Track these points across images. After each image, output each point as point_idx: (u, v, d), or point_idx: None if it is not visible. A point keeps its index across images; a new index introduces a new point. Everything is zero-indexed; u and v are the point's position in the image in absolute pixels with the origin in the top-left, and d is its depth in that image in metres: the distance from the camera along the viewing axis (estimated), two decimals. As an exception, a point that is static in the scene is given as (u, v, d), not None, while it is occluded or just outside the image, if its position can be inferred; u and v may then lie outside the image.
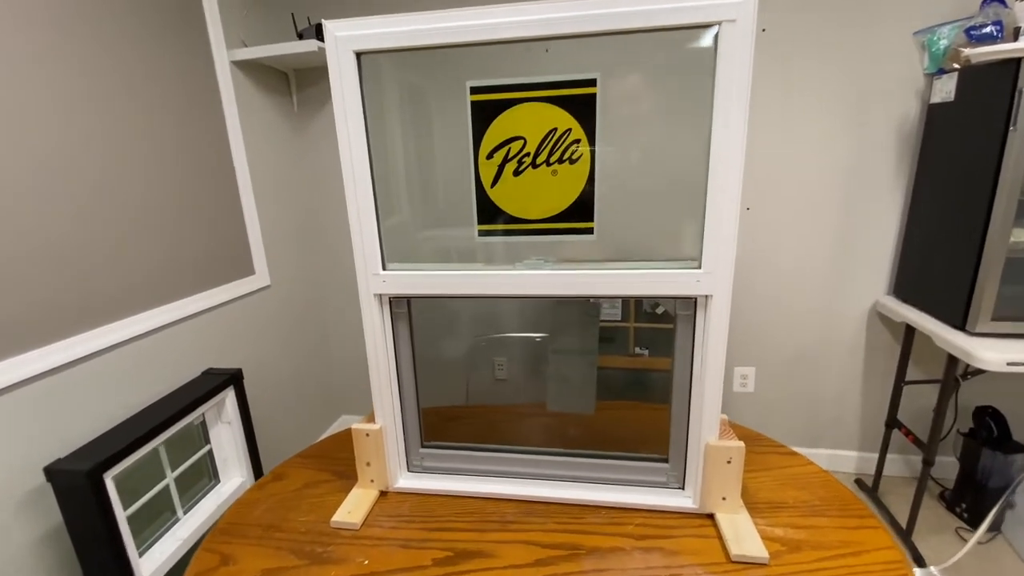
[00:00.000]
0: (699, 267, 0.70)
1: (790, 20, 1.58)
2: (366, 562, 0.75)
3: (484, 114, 0.70)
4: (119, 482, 1.14)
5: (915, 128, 1.60)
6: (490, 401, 2.13)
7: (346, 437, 1.09)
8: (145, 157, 1.32)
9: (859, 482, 1.91)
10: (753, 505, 0.82)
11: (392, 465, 0.88)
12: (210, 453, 1.42)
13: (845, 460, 2.00)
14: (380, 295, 0.79)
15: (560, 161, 0.69)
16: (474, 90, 0.69)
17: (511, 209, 0.73)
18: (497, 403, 2.22)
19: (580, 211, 0.71)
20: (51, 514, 1.07)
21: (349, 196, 0.74)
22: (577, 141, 0.68)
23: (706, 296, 0.71)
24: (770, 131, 1.69)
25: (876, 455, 1.92)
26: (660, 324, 1.85)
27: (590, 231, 0.72)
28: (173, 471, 1.30)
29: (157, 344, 1.35)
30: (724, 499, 0.78)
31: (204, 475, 1.43)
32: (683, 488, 0.83)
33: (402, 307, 0.82)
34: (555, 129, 0.68)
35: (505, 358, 2.17)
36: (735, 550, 0.71)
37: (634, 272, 0.71)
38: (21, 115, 1.04)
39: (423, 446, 0.91)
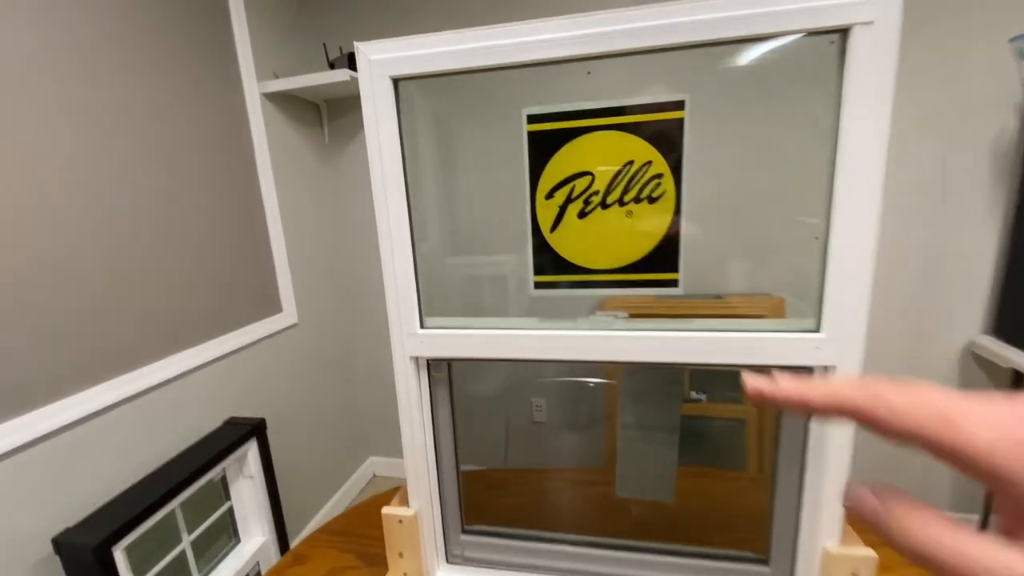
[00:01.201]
0: (818, 330, 0.55)
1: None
2: None
3: (543, 146, 0.58)
4: (132, 549, 1.03)
5: (1012, 144, 1.41)
6: (535, 460, 1.98)
7: (375, 507, 0.96)
8: (167, 194, 1.26)
9: (957, 549, 1.66)
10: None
11: (428, 556, 0.74)
12: (230, 510, 1.31)
13: None
14: (417, 358, 0.67)
15: (637, 200, 0.56)
16: (532, 118, 0.57)
17: (575, 257, 0.60)
18: (543, 464, 2.06)
19: (662, 259, 0.58)
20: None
21: (383, 241, 0.63)
22: (659, 176, 0.55)
23: (828, 368, 0.56)
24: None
25: (973, 517, 1.67)
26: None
27: (674, 283, 0.58)
28: (190, 533, 1.20)
29: (177, 393, 1.26)
30: (848, 620, 0.61)
31: (224, 533, 1.32)
32: (790, 600, 0.66)
33: (442, 371, 0.70)
34: (631, 162, 0.56)
35: (544, 399, 2.02)
36: None
37: (732, 335, 0.57)
38: (36, 149, 0.99)
39: (464, 531, 0.77)
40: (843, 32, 0.48)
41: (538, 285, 0.62)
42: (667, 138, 0.54)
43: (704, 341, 0.57)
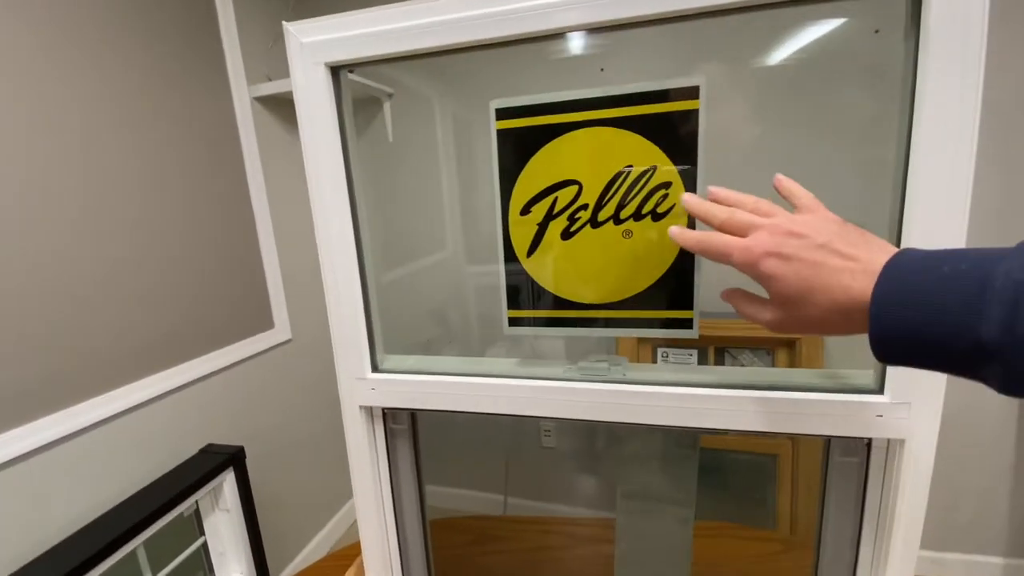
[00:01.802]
0: (880, 391, 0.41)
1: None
2: None
3: (517, 148, 0.45)
4: (85, 595, 0.94)
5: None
6: (541, 494, 1.83)
7: (341, 562, 0.84)
8: (145, 205, 1.18)
9: (1018, 605, 1.46)
10: None
11: (390, 639, 0.62)
12: (204, 546, 1.21)
13: (986, 568, 1.54)
14: (369, 408, 0.55)
15: (637, 216, 0.43)
16: (502, 113, 0.45)
17: (558, 288, 0.47)
18: (549, 500, 1.90)
19: (670, 293, 0.45)
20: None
21: (324, 264, 0.52)
22: (666, 185, 0.42)
23: (894, 441, 0.42)
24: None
25: (1038, 567, 1.46)
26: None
27: (687, 324, 0.45)
28: (156, 572, 1.10)
29: (153, 416, 1.17)
30: None
31: (198, 570, 1.22)
32: None
33: (402, 422, 0.58)
34: (629, 167, 0.43)
35: (554, 422, 1.88)
36: None
37: (762, 396, 0.43)
38: (5, 155, 0.91)
39: (435, 607, 0.65)
40: (922, -14, 0.35)
41: (512, 322, 0.50)
42: (677, 135, 0.41)
43: (725, 402, 0.44)
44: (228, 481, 1.21)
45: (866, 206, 0.42)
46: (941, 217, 0.37)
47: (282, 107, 1.60)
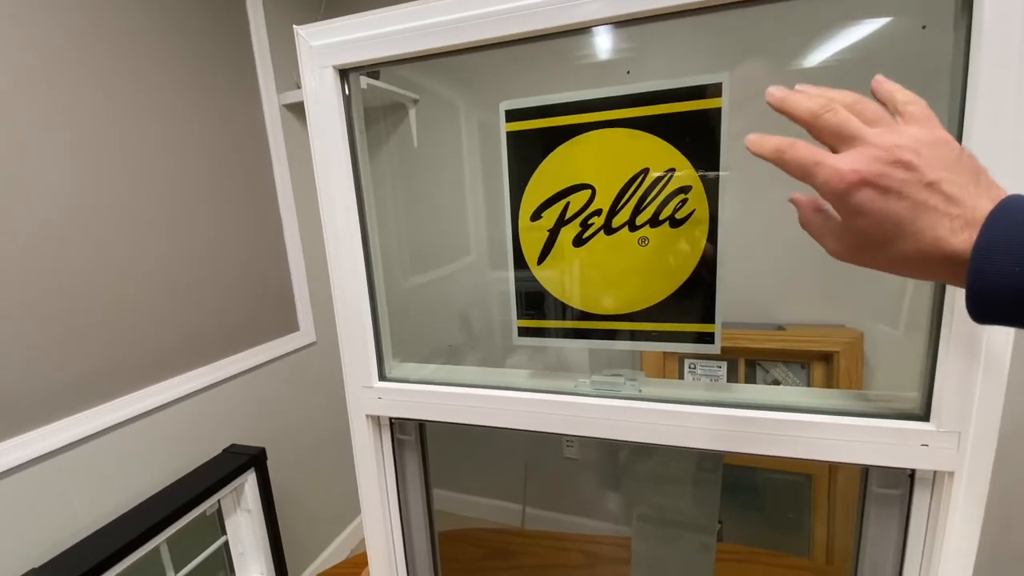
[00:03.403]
0: (926, 418, 0.37)
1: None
2: None
3: (528, 151, 0.43)
4: (109, 590, 0.96)
5: None
6: (560, 506, 1.79)
7: (353, 570, 0.83)
8: (175, 207, 1.21)
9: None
10: None
11: (396, 655, 0.60)
12: (226, 545, 1.23)
13: None
14: (376, 417, 0.54)
15: (655, 223, 0.41)
16: (512, 115, 0.43)
17: (570, 298, 0.45)
18: (569, 513, 1.86)
19: (690, 304, 0.42)
20: (29, 628, 0.91)
21: (332, 269, 0.51)
22: (685, 190, 0.40)
23: (941, 473, 0.38)
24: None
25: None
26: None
27: (708, 338, 0.42)
28: (179, 570, 1.12)
29: (175, 418, 1.20)
30: None
31: (219, 570, 1.24)
32: None
33: (409, 433, 0.56)
34: (646, 171, 0.40)
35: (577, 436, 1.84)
36: None
37: (797, 419, 0.40)
38: (38, 158, 0.95)
39: (443, 624, 0.63)
40: (976, -33, 0.31)
41: (523, 332, 0.47)
42: (697, 136, 0.39)
43: (750, 425, 0.40)
44: (250, 482, 1.22)
45: None
46: None
47: (310, 114, 1.63)
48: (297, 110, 1.58)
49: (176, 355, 1.21)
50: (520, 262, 0.46)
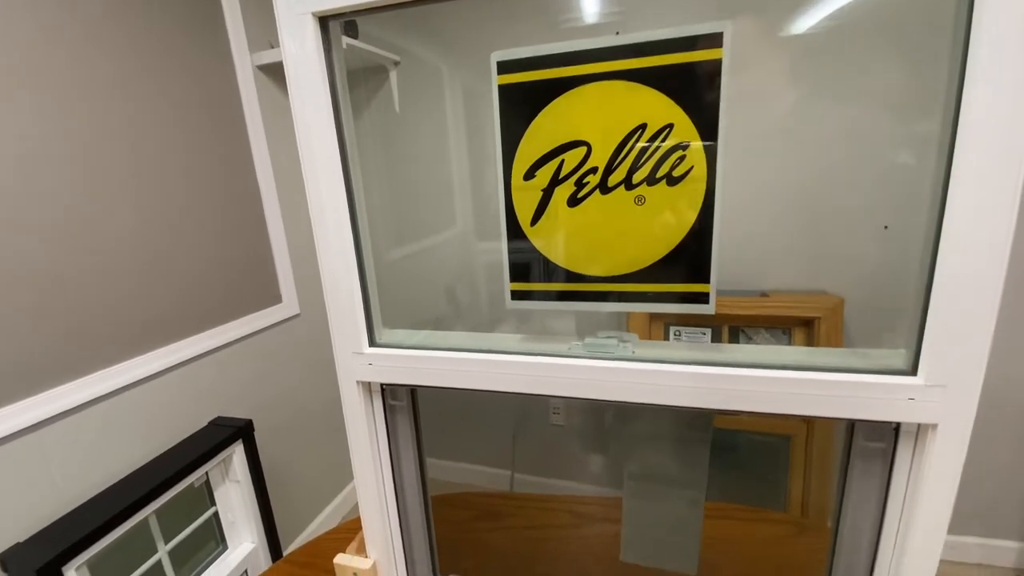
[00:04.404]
0: (914, 372, 0.38)
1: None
2: None
3: (521, 106, 0.42)
4: (97, 563, 0.96)
5: None
6: (548, 471, 1.83)
7: (347, 535, 0.84)
8: (148, 175, 1.16)
9: (1031, 589, 1.43)
10: None
11: (391, 614, 0.61)
12: (216, 515, 1.23)
13: (1003, 552, 1.52)
14: (367, 383, 0.53)
15: (652, 181, 0.40)
16: (504, 66, 0.41)
17: (564, 260, 0.44)
18: (556, 477, 1.90)
19: (686, 265, 0.41)
20: (18, 601, 0.91)
21: (317, 231, 0.49)
22: (683, 146, 0.39)
23: (925, 426, 0.39)
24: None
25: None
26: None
27: (703, 298, 0.42)
28: (168, 541, 1.12)
29: (160, 389, 1.18)
30: None
31: (210, 539, 1.25)
32: None
33: (401, 399, 0.56)
34: (643, 126, 0.39)
35: (563, 401, 1.87)
36: None
37: (788, 376, 0.40)
38: (4, 128, 0.90)
39: (437, 583, 0.64)
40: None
41: (516, 296, 0.47)
42: (697, 89, 0.37)
43: (743, 382, 0.41)
44: (237, 453, 1.22)
45: (909, 184, 0.38)
46: (991, 193, 0.33)
47: (283, 75, 1.55)
48: (272, 72, 1.51)
49: (155, 328, 1.18)
50: (513, 224, 0.44)
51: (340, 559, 0.60)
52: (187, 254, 1.26)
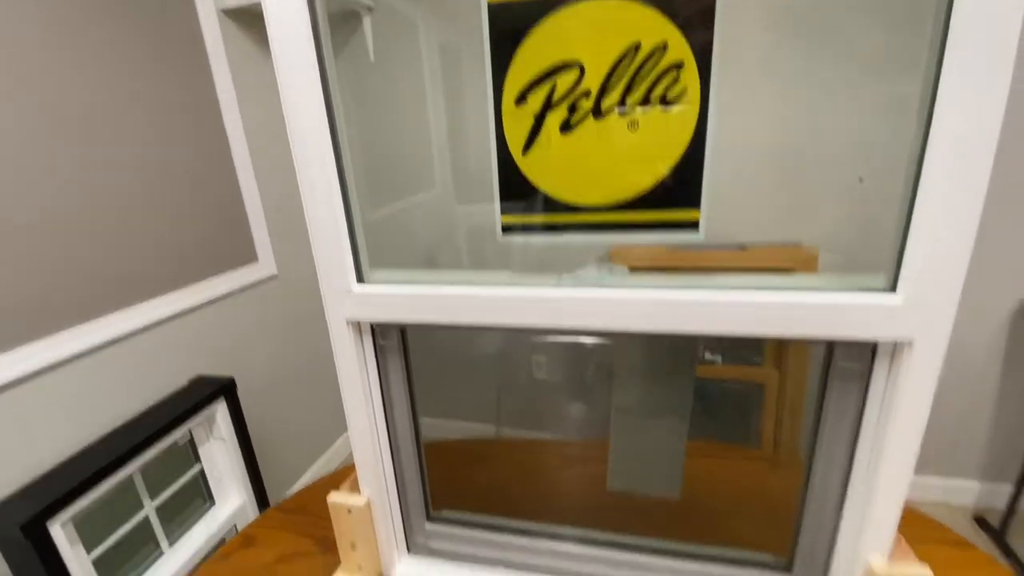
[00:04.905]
0: (893, 289, 0.39)
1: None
2: None
3: (512, 25, 0.40)
4: (83, 519, 0.95)
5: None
6: (527, 422, 1.88)
7: (337, 483, 0.85)
8: (112, 128, 1.10)
9: (980, 520, 1.56)
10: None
11: (386, 548, 0.63)
12: (202, 473, 1.23)
13: (962, 491, 1.63)
14: (357, 322, 0.53)
15: (645, 103, 0.39)
16: (494, -18, 0.40)
17: (557, 190, 0.44)
18: (541, 428, 1.95)
19: (677, 191, 0.41)
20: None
21: (298, 162, 0.48)
22: (677, 66, 0.38)
23: (902, 343, 0.40)
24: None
25: (1004, 487, 1.55)
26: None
27: (694, 226, 0.42)
28: (154, 498, 1.12)
29: (135, 349, 1.15)
30: (890, 648, 0.49)
31: (197, 496, 1.25)
32: (817, 618, 0.54)
33: (391, 338, 0.56)
34: (637, 46, 0.38)
35: (545, 356, 1.90)
36: None
37: (771, 297, 0.41)
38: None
39: (430, 519, 0.66)
40: None
41: (507, 229, 0.46)
42: (691, 4, 0.37)
43: (728, 306, 0.42)
44: (221, 411, 1.21)
45: (885, 140, 0.39)
46: (967, 149, 0.33)
47: (253, 21, 1.47)
48: (240, 18, 1.42)
49: (127, 285, 1.14)
50: (504, 152, 0.44)
51: (334, 497, 0.61)
52: (154, 210, 1.21)
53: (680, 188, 0.41)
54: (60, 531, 0.85)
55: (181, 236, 1.27)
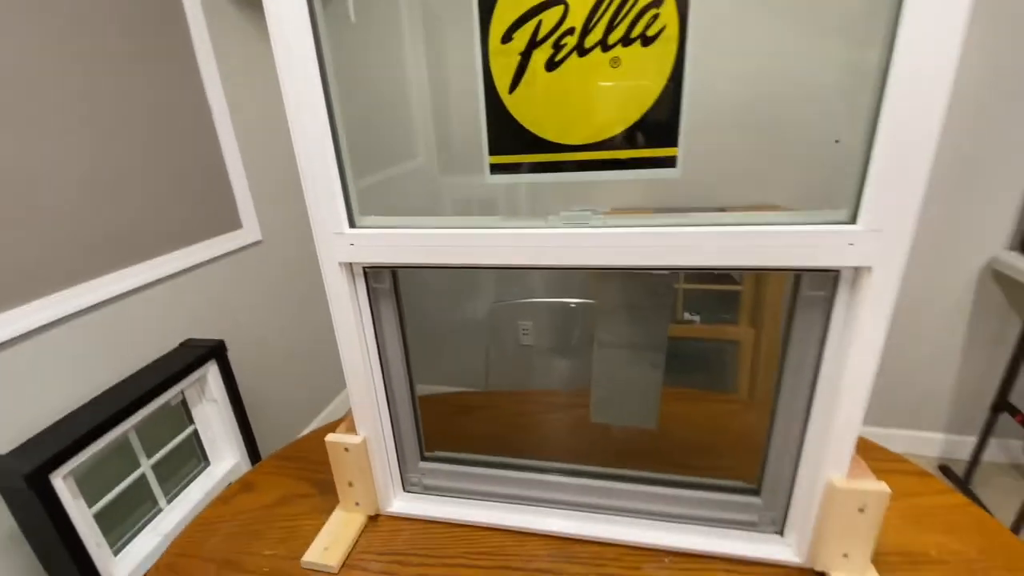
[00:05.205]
0: (853, 221, 0.42)
1: None
2: (343, 627, 0.55)
3: (497, -38, 0.41)
4: (83, 476, 0.97)
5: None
6: (515, 385, 1.93)
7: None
8: (91, 93, 1.07)
9: (944, 469, 1.66)
10: (879, 557, 0.58)
11: (382, 485, 0.67)
12: (195, 434, 1.25)
13: (927, 443, 1.73)
14: (349, 264, 0.55)
15: (626, 41, 0.41)
16: (479, -82, 0.40)
17: (542, 129, 0.46)
18: (524, 387, 2.01)
19: (656, 128, 0.44)
20: (6, 515, 0.92)
21: (290, 112, 0.48)
22: (657, 3, 0.40)
23: (861, 269, 0.44)
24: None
25: (968, 439, 1.64)
26: (716, 285, 1.57)
27: (671, 162, 0.44)
28: (150, 457, 1.14)
29: (124, 312, 1.15)
30: (846, 556, 0.55)
31: (191, 457, 1.27)
32: (782, 534, 0.59)
33: (384, 281, 0.58)
34: (619, -18, 0.40)
35: (532, 322, 1.94)
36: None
37: (736, 230, 0.44)
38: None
39: (423, 458, 0.69)
40: None
41: (495, 169, 0.48)
42: (671, -59, 0.38)
43: (701, 238, 0.45)
44: (212, 373, 1.22)
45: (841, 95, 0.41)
46: (923, 85, 0.36)
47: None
48: (212, -29, 1.38)
49: (111, 249, 1.14)
50: (491, 91, 0.45)
51: (331, 437, 0.64)
52: (135, 175, 1.19)
53: (659, 126, 0.43)
54: (62, 484, 0.87)
55: (164, 204, 1.26)
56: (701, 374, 1.51)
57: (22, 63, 0.96)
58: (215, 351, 1.21)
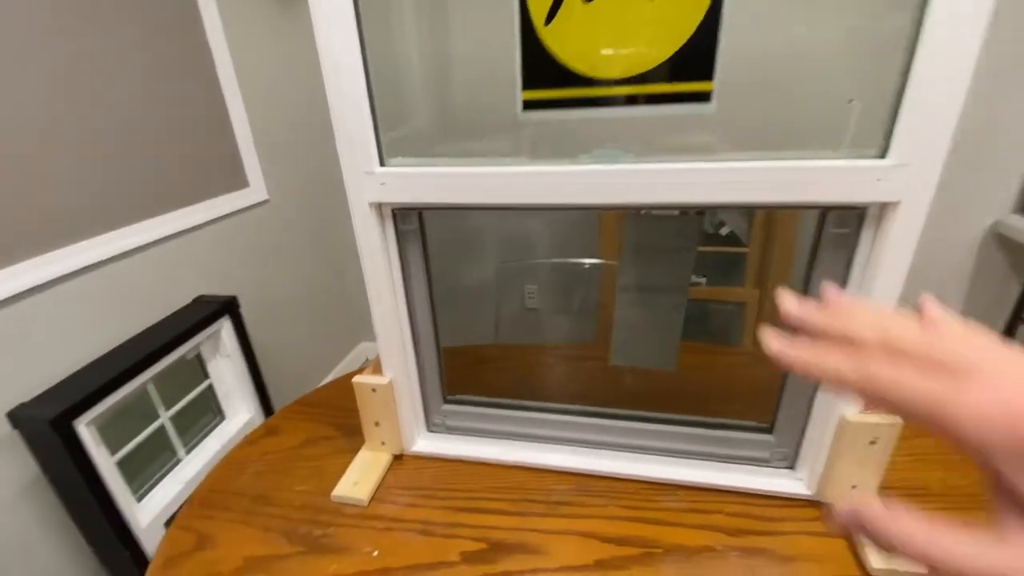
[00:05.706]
0: (883, 156, 0.43)
1: None
2: (375, 553, 0.58)
3: None
4: (104, 424, 1.00)
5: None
6: (526, 339, 1.96)
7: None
8: (100, 52, 1.05)
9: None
10: (882, 491, 0.61)
11: (407, 425, 0.69)
12: (211, 388, 1.28)
13: None
14: (379, 204, 0.55)
15: (667, -31, 0.41)
16: None
17: (578, 62, 0.46)
18: (536, 341, 2.04)
19: (691, 62, 0.44)
20: (29, 462, 0.94)
21: (322, 50, 0.48)
22: (700, -71, 0.39)
23: (888, 204, 0.45)
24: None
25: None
26: (722, 248, 1.58)
27: (706, 97, 0.45)
28: (168, 409, 1.16)
29: (139, 266, 1.16)
30: (854, 487, 0.58)
31: (207, 411, 1.30)
32: (793, 468, 0.62)
33: (411, 222, 0.58)
34: (662, -93, 0.39)
35: (537, 285, 1.95)
36: (876, 561, 0.51)
37: (767, 165, 0.45)
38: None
39: (446, 401, 0.71)
40: None
41: (528, 105, 0.48)
42: None
43: (733, 174, 0.45)
44: (226, 328, 1.24)
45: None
46: (959, 24, 0.36)
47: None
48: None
49: (114, 206, 1.13)
50: (526, 23, 0.45)
51: (358, 379, 0.65)
52: (138, 131, 1.17)
53: (695, 57, 0.43)
54: (85, 430, 0.89)
55: (169, 161, 1.25)
56: (710, 332, 1.55)
57: (25, 16, 0.93)
58: (228, 306, 1.23)
